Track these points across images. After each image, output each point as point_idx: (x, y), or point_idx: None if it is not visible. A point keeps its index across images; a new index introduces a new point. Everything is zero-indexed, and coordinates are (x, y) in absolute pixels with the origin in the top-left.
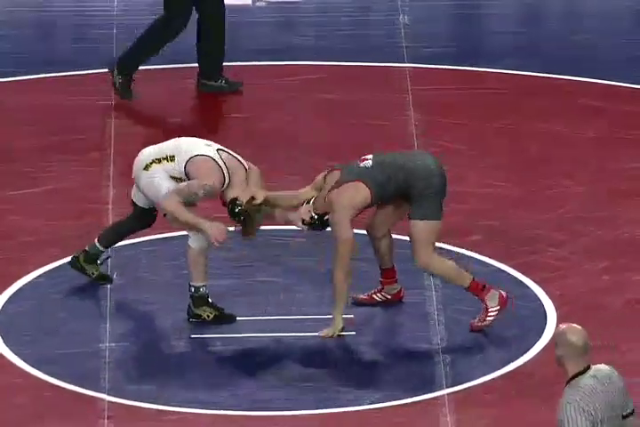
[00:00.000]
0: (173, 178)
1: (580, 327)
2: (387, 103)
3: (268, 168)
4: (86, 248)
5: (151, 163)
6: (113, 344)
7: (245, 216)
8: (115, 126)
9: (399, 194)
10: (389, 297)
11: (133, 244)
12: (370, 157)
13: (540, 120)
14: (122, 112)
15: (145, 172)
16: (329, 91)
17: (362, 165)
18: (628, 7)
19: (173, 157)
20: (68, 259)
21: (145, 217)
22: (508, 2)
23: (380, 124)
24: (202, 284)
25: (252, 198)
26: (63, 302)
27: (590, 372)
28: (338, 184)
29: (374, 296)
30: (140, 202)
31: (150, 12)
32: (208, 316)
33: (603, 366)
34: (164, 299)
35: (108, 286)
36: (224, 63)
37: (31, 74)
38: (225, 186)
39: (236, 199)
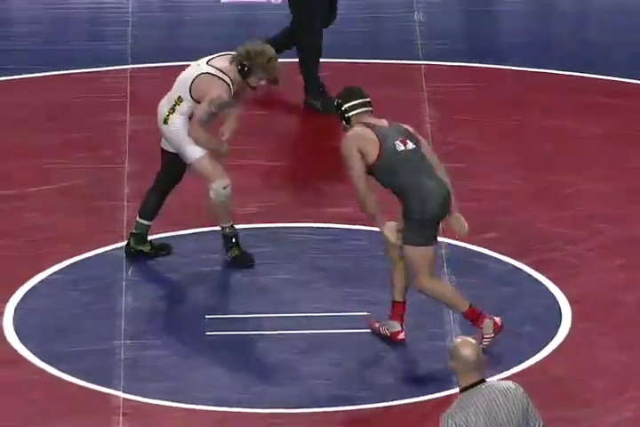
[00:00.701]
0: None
1: (474, 342)
2: (401, 100)
3: (280, 166)
4: (132, 231)
5: (168, 115)
6: (128, 341)
7: None
8: (129, 123)
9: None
10: (388, 334)
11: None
12: (411, 145)
13: (554, 117)
14: (136, 109)
15: (165, 126)
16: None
17: (399, 145)
18: (638, 3)
19: (179, 97)
20: (83, 256)
21: (175, 165)
22: None
23: (396, 121)
24: (225, 225)
25: None
26: (78, 299)
27: (482, 386)
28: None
29: (380, 329)
30: (170, 148)
31: (164, 8)
32: (233, 254)
33: (504, 383)
34: (179, 296)
35: (123, 283)
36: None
37: (46, 71)
38: (233, 89)
39: None
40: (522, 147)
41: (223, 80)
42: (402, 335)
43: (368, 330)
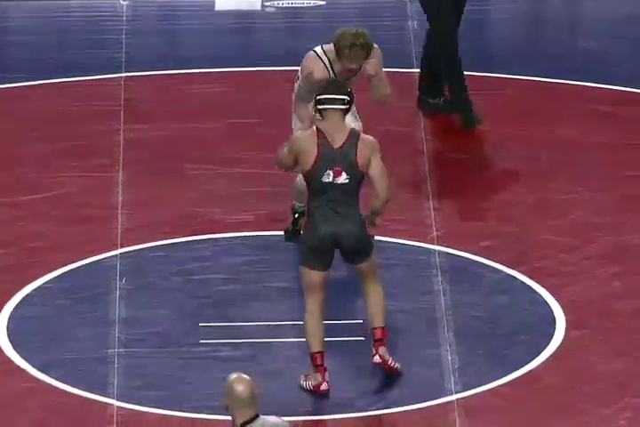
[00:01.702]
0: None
1: (247, 378)
2: (396, 108)
3: (277, 174)
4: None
5: (295, 99)
6: (122, 350)
7: None
8: (124, 132)
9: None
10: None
11: (141, 249)
12: (343, 178)
13: (551, 126)
14: (131, 117)
15: (294, 111)
16: None
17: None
18: (637, 12)
19: (297, 75)
20: (76, 265)
21: None
22: (517, 6)
23: (390, 129)
24: (294, 202)
25: None
26: (72, 307)
27: (258, 421)
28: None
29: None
30: None
31: (159, 17)
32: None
33: (272, 419)
34: (173, 304)
35: (117, 291)
36: None
37: (40, 80)
38: (332, 69)
39: None
40: (519, 155)
41: (321, 59)
42: (324, 386)
43: (361, 338)
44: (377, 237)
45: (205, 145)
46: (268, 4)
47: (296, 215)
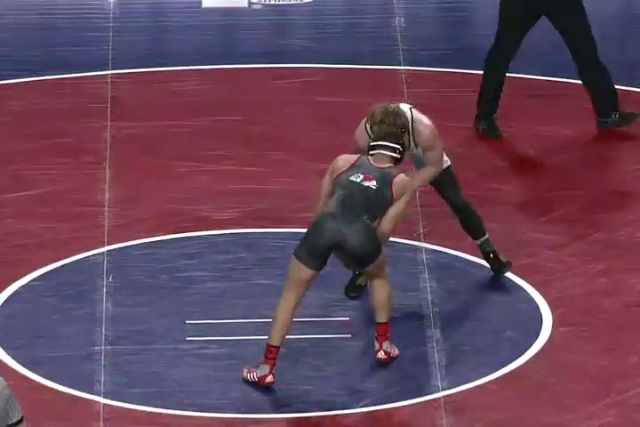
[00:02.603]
0: None
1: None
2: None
3: (262, 171)
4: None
5: None
6: (108, 347)
7: None
8: (110, 129)
9: None
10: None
11: (128, 246)
12: (372, 184)
13: (537, 123)
14: (118, 115)
15: None
16: (324, 94)
17: (358, 176)
18: (627, 10)
19: None
20: (63, 262)
21: None
22: None
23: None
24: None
25: None
26: (58, 304)
27: None
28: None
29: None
30: None
31: (146, 14)
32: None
33: None
34: (159, 301)
35: (104, 289)
36: None
37: (27, 77)
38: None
39: None
40: (506, 152)
41: (366, 131)
42: (269, 379)
43: (349, 335)
44: None
45: (191, 142)
46: (254, 1)
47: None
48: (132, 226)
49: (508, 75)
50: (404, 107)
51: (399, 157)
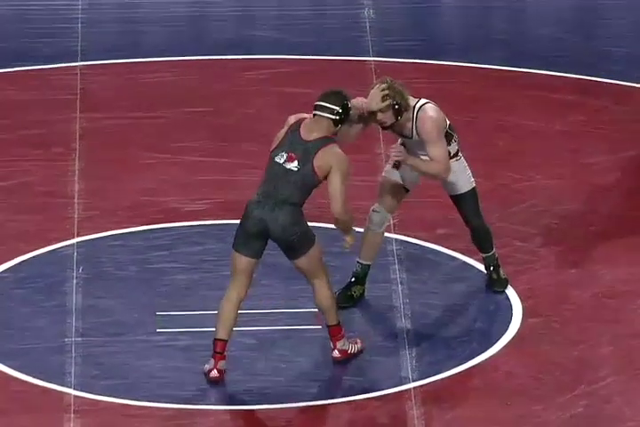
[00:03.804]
0: None
1: None
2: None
3: (232, 162)
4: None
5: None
6: (79, 339)
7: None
8: (80, 121)
9: None
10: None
11: (98, 238)
12: (294, 165)
13: (508, 114)
14: (87, 106)
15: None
16: (294, 85)
17: (282, 157)
18: (600, 2)
19: None
20: (32, 254)
21: None
22: None
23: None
24: (358, 260)
25: None
26: (28, 296)
27: None
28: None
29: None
30: None
31: (115, 5)
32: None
33: None
34: (130, 293)
35: (74, 281)
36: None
37: None
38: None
39: None
40: (477, 143)
41: None
42: (213, 373)
43: (319, 326)
44: (328, 226)
45: (161, 133)
46: None
47: (352, 279)
48: (101, 218)
49: (472, 65)
50: (423, 100)
51: (337, 118)
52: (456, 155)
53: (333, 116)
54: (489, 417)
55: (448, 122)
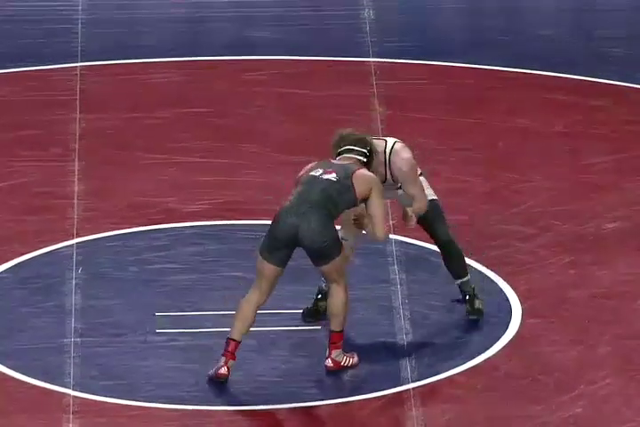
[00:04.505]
0: None
1: None
2: (352, 98)
3: (232, 163)
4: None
5: None
6: (78, 339)
7: None
8: (79, 121)
9: None
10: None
11: (97, 239)
12: (332, 176)
13: (508, 114)
14: (87, 107)
15: None
16: (293, 86)
17: (318, 171)
18: (598, 3)
19: None
20: (32, 255)
21: None
22: None
23: (346, 118)
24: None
25: None
26: (28, 297)
27: None
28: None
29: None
30: None
31: (114, 6)
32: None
33: None
34: (129, 294)
35: (73, 281)
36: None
37: None
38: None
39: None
40: (476, 144)
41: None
42: (222, 370)
43: (318, 327)
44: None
45: (160, 134)
46: None
47: (319, 295)
48: (101, 218)
49: (474, 66)
50: (390, 140)
51: (366, 160)
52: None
53: (362, 158)
54: (488, 418)
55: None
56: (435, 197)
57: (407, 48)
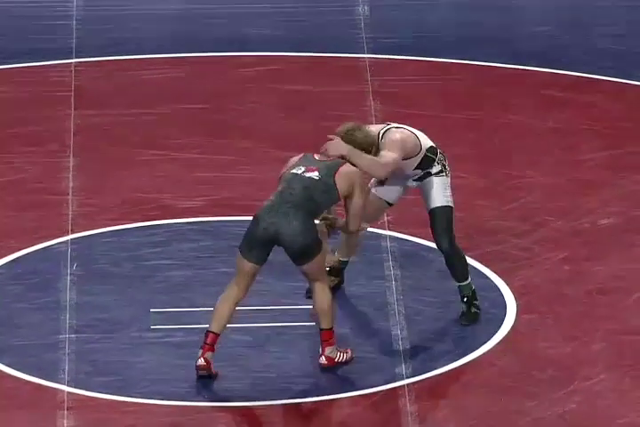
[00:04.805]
0: None
1: None
2: (346, 94)
3: (228, 159)
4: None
5: None
6: (73, 336)
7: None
8: (74, 117)
9: None
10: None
11: (92, 235)
12: (314, 174)
13: (502, 111)
14: (81, 103)
15: None
16: (288, 82)
17: (300, 169)
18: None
19: None
20: (27, 251)
21: None
22: None
23: (340, 114)
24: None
25: None
26: (23, 293)
27: None
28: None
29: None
30: None
31: (110, 2)
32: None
33: None
34: (124, 290)
35: (68, 277)
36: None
37: None
38: None
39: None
40: (471, 141)
41: None
42: (199, 361)
43: (312, 323)
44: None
45: (156, 130)
46: None
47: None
48: (96, 214)
49: (469, 62)
50: (391, 125)
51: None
52: (439, 173)
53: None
54: (483, 413)
55: (430, 144)
56: (451, 204)
57: (402, 44)
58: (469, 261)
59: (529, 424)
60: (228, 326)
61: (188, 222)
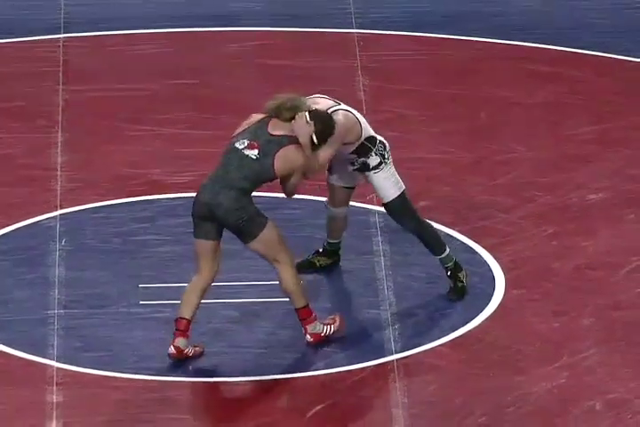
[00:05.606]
0: None
1: None
2: (335, 69)
3: (216, 134)
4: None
5: None
6: (62, 311)
7: None
8: (62, 93)
9: None
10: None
11: (81, 210)
12: (253, 152)
13: (490, 86)
14: (70, 78)
15: None
16: (275, 57)
17: (242, 143)
18: None
19: None
20: (16, 226)
21: None
22: None
23: (329, 89)
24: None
25: None
26: (11, 268)
27: None
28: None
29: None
30: None
31: None
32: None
33: None
34: (113, 265)
35: (57, 253)
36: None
37: None
38: None
39: None
40: (459, 115)
41: None
42: (170, 350)
43: None
44: (315, 198)
45: (144, 106)
46: None
47: (320, 250)
48: (84, 190)
49: (458, 37)
50: (341, 106)
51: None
52: (379, 165)
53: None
54: (471, 388)
55: (370, 134)
56: (400, 191)
57: (391, 19)
58: (458, 236)
59: (517, 399)
60: (217, 301)
61: (176, 198)
